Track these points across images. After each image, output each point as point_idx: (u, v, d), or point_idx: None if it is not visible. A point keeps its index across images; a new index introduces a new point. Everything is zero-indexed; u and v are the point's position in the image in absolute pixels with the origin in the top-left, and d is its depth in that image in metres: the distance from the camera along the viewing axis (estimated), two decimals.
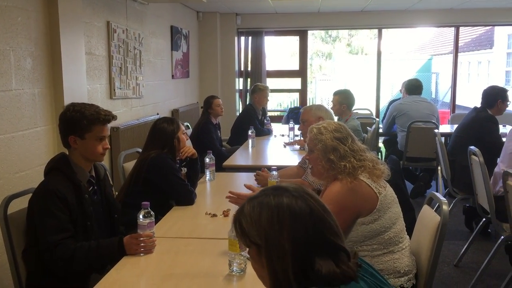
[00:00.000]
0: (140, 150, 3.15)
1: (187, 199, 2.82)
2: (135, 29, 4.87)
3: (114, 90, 4.37)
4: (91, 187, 2.27)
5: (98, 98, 4.10)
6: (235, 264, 1.89)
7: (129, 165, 3.17)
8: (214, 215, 2.63)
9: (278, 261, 1.12)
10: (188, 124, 5.67)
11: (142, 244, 2.06)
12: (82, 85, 3.72)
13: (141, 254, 2.06)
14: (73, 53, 3.55)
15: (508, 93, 4.28)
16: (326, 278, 1.10)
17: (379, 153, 6.45)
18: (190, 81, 7.03)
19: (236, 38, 7.74)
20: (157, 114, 5.37)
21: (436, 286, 3.40)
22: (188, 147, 3.03)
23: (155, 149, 2.82)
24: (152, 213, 2.09)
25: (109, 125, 2.29)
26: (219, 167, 3.91)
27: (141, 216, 2.07)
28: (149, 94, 5.32)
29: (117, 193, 2.94)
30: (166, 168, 2.78)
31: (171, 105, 6.12)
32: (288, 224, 1.13)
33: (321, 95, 16.32)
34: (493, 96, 4.20)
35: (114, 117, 2.26)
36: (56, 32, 3.37)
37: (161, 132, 2.88)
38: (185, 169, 3.05)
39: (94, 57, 4.07)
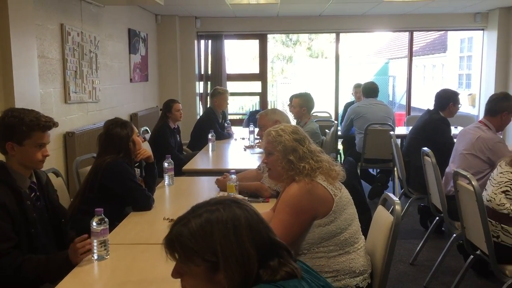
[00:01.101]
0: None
1: (145, 204, 2.77)
2: (90, 32, 4.77)
3: (69, 94, 4.27)
4: (34, 193, 2.20)
5: (52, 102, 3.99)
6: None
7: (85, 171, 3.10)
8: (172, 220, 2.57)
9: (241, 272, 1.11)
10: (147, 128, 5.60)
11: (80, 249, 1.99)
12: (35, 89, 3.61)
13: (94, 258, 2.02)
14: (24, 57, 3.44)
15: (459, 96, 4.43)
16: (272, 277, 1.12)
17: (338, 155, 6.56)
18: (149, 84, 6.94)
19: (196, 42, 7.71)
20: None
21: (392, 284, 3.49)
22: (143, 149, 2.98)
23: (110, 154, 2.77)
24: (106, 219, 2.05)
25: (61, 130, 2.23)
26: (177, 172, 3.87)
27: (94, 223, 2.02)
28: (107, 98, 5.22)
29: (71, 199, 2.87)
30: (122, 173, 2.73)
31: (129, 109, 6.02)
32: (246, 233, 1.13)
33: (282, 98, 16.44)
34: (445, 99, 4.34)
35: (55, 124, 2.21)
36: (6, 35, 3.27)
37: (115, 137, 2.81)
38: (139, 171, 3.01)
39: (47, 61, 3.96)
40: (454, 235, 3.34)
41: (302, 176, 2.08)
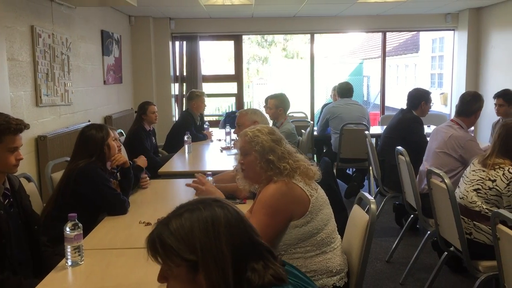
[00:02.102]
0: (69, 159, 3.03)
1: (120, 208, 2.73)
2: (62, 33, 4.68)
3: (40, 97, 4.18)
4: (7, 200, 2.15)
5: (22, 105, 3.90)
6: None
7: (58, 175, 3.03)
8: (149, 224, 2.57)
9: (218, 272, 1.09)
10: (122, 131, 5.53)
11: None
12: (4, 92, 3.53)
13: (68, 264, 1.99)
14: None
15: (431, 95, 4.51)
16: (261, 281, 1.11)
17: (314, 155, 6.60)
18: (124, 86, 6.86)
19: (170, 43, 7.65)
20: (89, 121, 5.19)
21: (369, 282, 3.52)
22: (119, 155, 2.94)
23: (84, 158, 2.72)
24: (79, 224, 2.01)
25: (32, 134, 2.18)
26: (153, 174, 3.84)
27: (67, 229, 1.98)
28: (79, 100, 5.13)
29: (44, 205, 2.81)
30: (95, 178, 2.68)
31: (103, 112, 5.94)
32: (224, 232, 1.11)
33: (258, 99, 16.46)
34: (417, 98, 4.41)
35: (26, 126, 2.16)
36: None
37: (90, 139, 2.77)
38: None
39: (18, 63, 3.87)
40: (429, 232, 3.40)
41: (281, 176, 2.09)
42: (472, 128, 3.86)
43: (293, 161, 2.13)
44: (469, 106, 3.58)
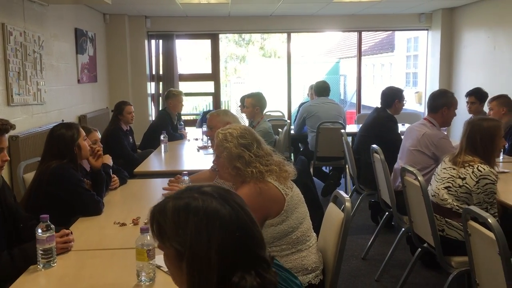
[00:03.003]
0: None
1: (94, 209, 2.69)
2: (34, 31, 4.58)
3: (12, 96, 4.09)
4: None
5: None
6: (143, 274, 1.84)
7: (30, 176, 2.98)
8: (123, 224, 2.54)
9: (202, 274, 1.05)
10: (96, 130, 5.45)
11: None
12: None
13: (40, 267, 1.96)
14: None
15: (404, 93, 4.58)
16: None
17: (291, 154, 6.63)
18: (98, 85, 6.76)
19: (146, 41, 7.57)
20: (62, 120, 5.10)
21: (345, 279, 3.56)
22: (98, 147, 2.91)
23: (55, 159, 2.66)
24: (52, 226, 1.98)
25: (7, 135, 2.13)
26: (132, 173, 3.80)
27: (39, 230, 1.95)
28: (53, 100, 5.04)
29: None
30: (68, 178, 2.64)
31: (77, 111, 5.84)
32: (218, 235, 1.05)
33: (236, 98, 16.45)
34: (391, 97, 4.47)
35: (12, 126, 2.11)
36: None
37: (60, 139, 2.71)
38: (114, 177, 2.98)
39: None
40: (403, 229, 3.45)
41: (251, 179, 2.09)
42: (445, 127, 3.92)
43: (262, 164, 2.12)
44: (435, 101, 3.64)
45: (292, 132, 6.28)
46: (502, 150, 3.83)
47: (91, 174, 2.95)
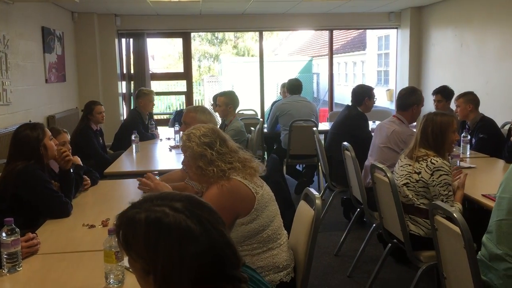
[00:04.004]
0: None
1: (62, 211, 2.64)
2: None
3: None
4: None
5: None
6: (111, 276, 1.81)
7: None
8: (92, 226, 2.50)
9: None
10: (66, 131, 5.34)
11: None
12: None
13: (5, 271, 1.91)
14: None
15: (374, 91, 4.64)
16: None
17: (265, 152, 6.64)
18: (67, 85, 6.63)
19: (116, 40, 7.47)
20: (30, 121, 4.98)
21: (317, 276, 3.59)
22: (65, 150, 2.84)
23: (20, 160, 2.60)
24: (17, 229, 1.93)
25: None
26: (101, 174, 3.74)
27: (4, 234, 1.90)
28: (19, 100, 4.91)
29: None
30: (35, 180, 2.57)
31: (45, 112, 5.72)
32: (190, 259, 1.01)
33: (209, 96, 16.39)
34: (361, 95, 4.52)
35: None
36: None
37: (25, 140, 2.65)
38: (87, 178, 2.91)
39: None
40: (374, 225, 3.49)
41: (215, 178, 2.08)
42: (414, 123, 3.99)
43: (225, 162, 2.11)
44: (405, 100, 3.71)
45: (265, 130, 6.29)
46: (458, 144, 3.92)
47: (59, 174, 2.88)
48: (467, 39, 6.44)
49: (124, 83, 7.70)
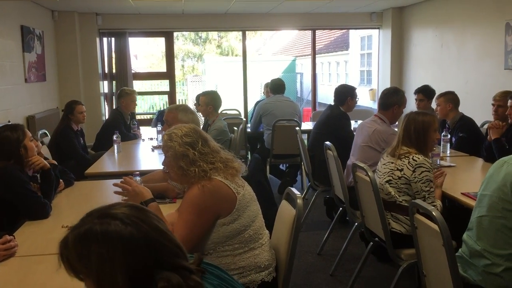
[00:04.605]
0: None
1: (40, 212, 2.60)
2: None
3: None
4: None
5: None
6: None
7: None
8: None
9: None
10: (46, 131, 5.28)
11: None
12: None
13: None
14: None
15: (357, 90, 4.67)
16: None
17: (249, 152, 6.64)
18: (48, 85, 6.54)
19: (98, 39, 7.39)
20: (8, 121, 4.90)
21: (300, 275, 3.60)
22: (36, 158, 2.78)
23: (0, 161, 2.56)
24: None
25: None
26: (83, 175, 3.70)
27: None
28: None
29: None
30: (13, 181, 2.53)
31: (25, 112, 5.63)
32: (121, 257, 1.02)
33: (193, 96, 16.32)
34: (343, 94, 4.55)
35: None
36: None
37: (4, 141, 2.61)
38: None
39: None
40: (356, 224, 3.51)
41: (197, 179, 2.07)
42: (396, 123, 4.03)
43: (207, 162, 2.10)
44: (387, 99, 3.75)
45: (248, 130, 6.29)
46: (439, 143, 3.98)
47: (41, 174, 2.84)
48: (447, 40, 6.53)
49: (106, 82, 7.62)
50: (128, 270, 1.02)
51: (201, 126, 4.93)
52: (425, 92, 4.85)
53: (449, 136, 4.22)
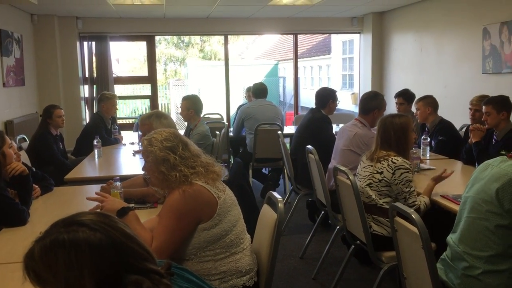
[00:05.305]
0: None
1: (17, 219, 2.55)
2: None
3: None
4: None
5: None
6: None
7: None
8: None
9: None
10: (25, 136, 5.19)
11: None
12: None
13: None
14: None
15: (338, 93, 4.70)
16: None
17: (231, 156, 6.63)
18: (26, 89, 6.44)
19: (78, 43, 7.31)
20: None
21: (283, 279, 3.59)
22: (15, 164, 2.73)
23: None
24: None
25: None
26: (62, 180, 3.64)
27: None
28: None
29: None
30: None
31: (3, 116, 5.54)
32: (89, 262, 1.02)
33: (175, 100, 16.25)
34: (325, 97, 4.58)
35: None
36: None
37: None
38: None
39: None
40: (338, 227, 3.53)
41: (178, 183, 2.05)
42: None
43: (187, 167, 2.08)
44: (366, 104, 3.79)
45: (231, 134, 6.28)
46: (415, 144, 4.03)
47: (19, 180, 2.79)
48: (426, 44, 6.62)
49: (86, 87, 7.54)
50: (96, 275, 1.02)
51: (184, 131, 4.91)
52: (405, 96, 4.90)
53: (428, 139, 4.27)
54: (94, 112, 6.87)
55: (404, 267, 2.27)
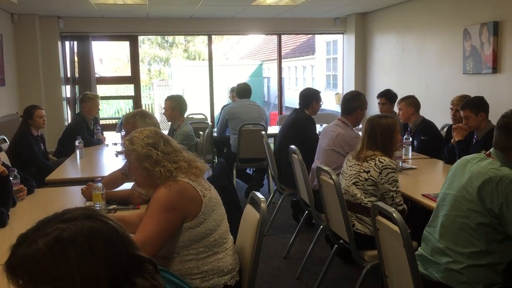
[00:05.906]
0: None
1: None
2: None
3: None
4: None
5: None
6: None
7: None
8: None
9: None
10: (5, 137, 5.11)
11: None
12: None
13: None
14: None
15: (321, 94, 4.73)
16: None
17: (215, 156, 6.61)
18: (7, 89, 6.34)
19: (59, 43, 7.22)
20: None
21: (266, 279, 3.60)
22: None
23: None
24: None
25: None
26: (43, 182, 3.60)
27: None
28: None
29: None
30: None
31: None
32: (103, 252, 1.00)
33: (159, 100, 16.15)
34: (308, 98, 4.60)
35: None
36: None
37: None
38: None
39: None
40: (321, 227, 3.55)
41: (163, 180, 2.05)
42: (360, 125, 4.10)
43: (170, 162, 2.09)
44: (348, 104, 3.81)
45: (215, 134, 6.26)
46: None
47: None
48: (408, 45, 6.69)
49: (68, 87, 7.45)
50: (109, 262, 1.01)
51: (168, 131, 4.88)
52: (387, 96, 4.95)
53: (411, 139, 4.32)
54: (76, 112, 6.80)
55: (385, 266, 2.29)
